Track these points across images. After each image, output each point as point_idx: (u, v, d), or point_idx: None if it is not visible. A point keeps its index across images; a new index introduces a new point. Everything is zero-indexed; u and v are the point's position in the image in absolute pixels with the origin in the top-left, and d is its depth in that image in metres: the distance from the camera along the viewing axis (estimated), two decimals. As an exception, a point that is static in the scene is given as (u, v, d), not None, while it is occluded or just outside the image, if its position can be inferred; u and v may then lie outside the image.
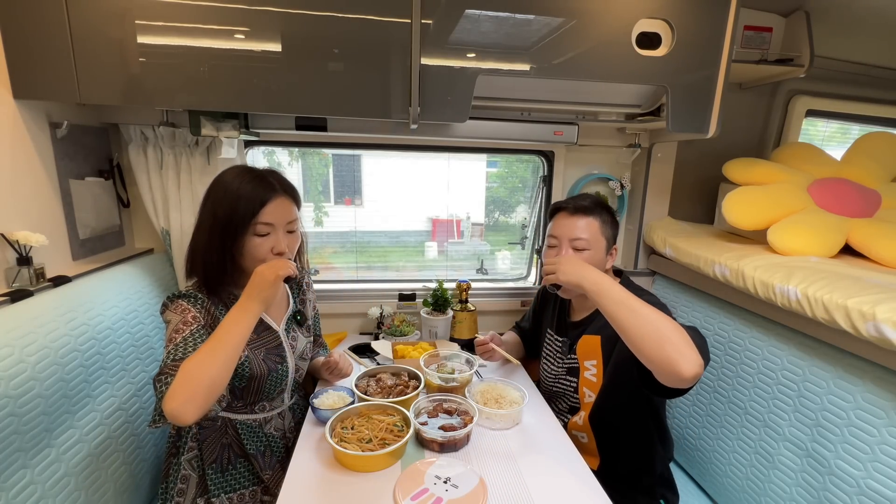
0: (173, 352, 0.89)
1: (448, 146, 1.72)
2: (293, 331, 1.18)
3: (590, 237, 1.19)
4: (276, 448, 1.13)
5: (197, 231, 1.02)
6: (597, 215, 1.21)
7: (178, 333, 0.92)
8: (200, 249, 1.01)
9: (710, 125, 1.31)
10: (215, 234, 0.98)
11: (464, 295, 1.67)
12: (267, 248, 1.01)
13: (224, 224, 0.98)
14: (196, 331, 0.94)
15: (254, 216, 0.98)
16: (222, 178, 1.02)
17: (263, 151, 1.82)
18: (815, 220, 1.36)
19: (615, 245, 1.25)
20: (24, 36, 1.03)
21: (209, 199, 1.01)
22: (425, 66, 1.18)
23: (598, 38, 1.21)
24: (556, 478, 0.96)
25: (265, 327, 1.11)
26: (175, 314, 0.96)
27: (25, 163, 1.08)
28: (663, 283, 1.70)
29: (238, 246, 1.00)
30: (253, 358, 1.05)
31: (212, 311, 1.00)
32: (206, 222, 1.00)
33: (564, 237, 1.21)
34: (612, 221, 1.24)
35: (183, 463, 1.06)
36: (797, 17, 1.55)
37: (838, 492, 0.96)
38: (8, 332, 0.84)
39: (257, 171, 1.03)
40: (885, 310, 0.88)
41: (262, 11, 1.10)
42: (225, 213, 0.97)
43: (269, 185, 1.00)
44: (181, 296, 0.99)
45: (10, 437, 0.80)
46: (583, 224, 1.19)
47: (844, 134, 2.05)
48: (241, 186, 0.98)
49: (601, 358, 1.19)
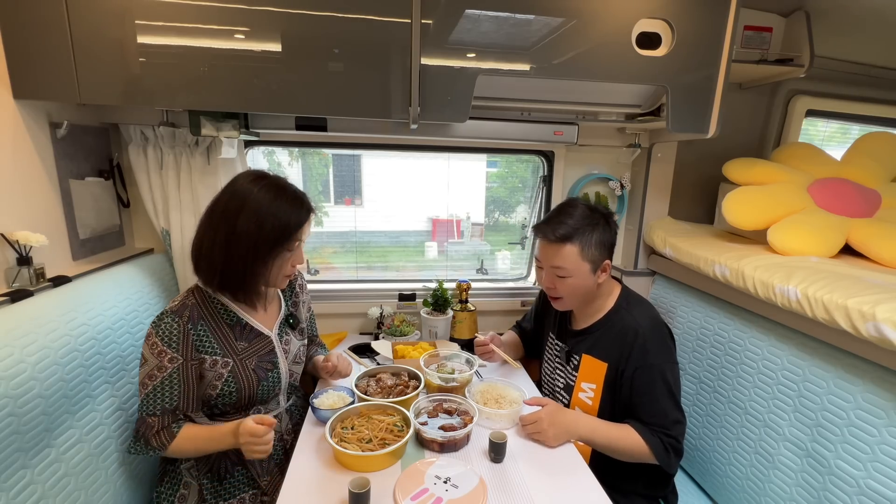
0: (145, 403, 0.98)
1: (448, 146, 1.72)
2: (286, 334, 1.18)
3: (569, 266, 1.15)
4: (274, 452, 1.11)
5: (229, 244, 0.99)
6: (576, 241, 1.15)
7: (150, 380, 0.98)
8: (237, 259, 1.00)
9: (710, 125, 1.31)
10: (257, 247, 1.00)
11: (464, 295, 1.67)
12: (291, 261, 1.07)
13: (269, 240, 1.00)
14: (168, 377, 0.98)
15: (294, 234, 1.04)
16: (252, 192, 1.00)
17: (263, 151, 1.82)
18: (816, 220, 1.35)
19: (607, 260, 1.19)
20: (24, 36, 1.03)
21: (243, 213, 0.98)
22: (425, 66, 1.18)
23: (598, 38, 1.21)
24: (556, 478, 0.96)
25: (256, 334, 1.10)
26: (152, 355, 0.98)
27: (25, 163, 1.08)
28: (663, 283, 1.70)
29: (271, 258, 1.03)
30: (240, 371, 1.05)
31: (189, 334, 1.00)
32: (245, 235, 0.99)
33: (546, 263, 1.20)
34: (597, 241, 1.16)
35: (183, 471, 1.06)
36: (797, 17, 1.55)
37: (838, 492, 0.96)
38: (8, 332, 0.84)
39: (290, 189, 1.05)
40: (885, 310, 0.88)
41: (262, 11, 1.10)
42: (271, 229, 1.00)
43: (306, 207, 1.06)
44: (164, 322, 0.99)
45: (10, 437, 0.80)
46: (562, 253, 1.15)
47: (844, 134, 2.05)
48: (283, 206, 1.01)
49: (602, 385, 1.18)
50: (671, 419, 1.10)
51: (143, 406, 0.98)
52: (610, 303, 1.23)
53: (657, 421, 1.10)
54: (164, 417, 0.99)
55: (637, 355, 1.12)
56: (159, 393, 0.98)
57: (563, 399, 1.27)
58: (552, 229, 1.16)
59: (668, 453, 1.08)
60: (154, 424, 0.98)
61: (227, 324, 1.07)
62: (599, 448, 1.12)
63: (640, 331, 1.13)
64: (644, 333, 1.13)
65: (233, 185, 1.04)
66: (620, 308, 1.21)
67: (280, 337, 1.15)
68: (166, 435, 0.99)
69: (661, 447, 1.08)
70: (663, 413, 1.10)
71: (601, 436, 1.11)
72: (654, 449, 1.08)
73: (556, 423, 1.09)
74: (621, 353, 1.14)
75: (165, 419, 0.99)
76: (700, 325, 1.44)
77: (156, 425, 0.98)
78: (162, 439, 0.98)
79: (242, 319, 1.09)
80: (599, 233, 1.17)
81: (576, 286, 1.18)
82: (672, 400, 1.11)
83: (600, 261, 1.18)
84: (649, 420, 1.10)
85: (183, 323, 1.00)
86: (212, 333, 1.04)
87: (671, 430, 1.09)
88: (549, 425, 1.08)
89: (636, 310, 1.19)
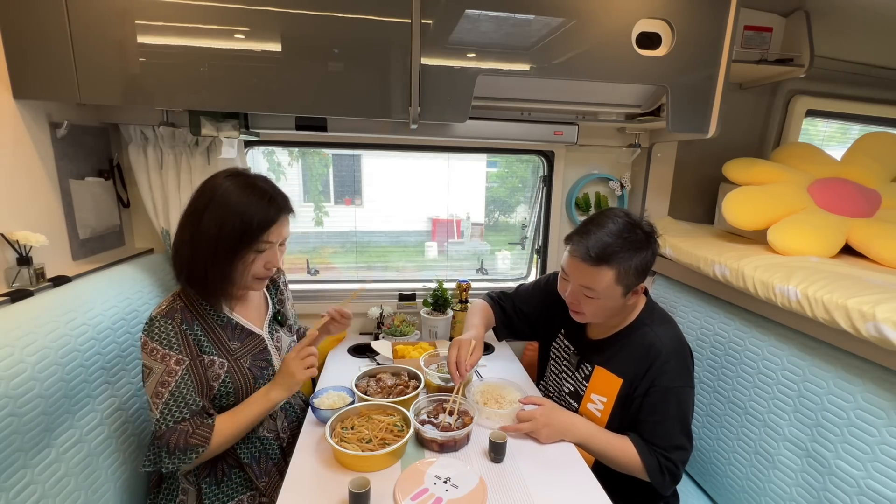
0: (167, 413, 0.93)
1: (448, 146, 1.72)
2: (276, 331, 1.18)
3: (601, 289, 1.03)
4: (271, 452, 1.11)
5: (194, 243, 0.96)
6: (615, 264, 1.00)
7: (164, 387, 0.93)
8: (199, 260, 0.96)
9: (710, 125, 1.31)
10: (216, 248, 0.95)
11: (464, 295, 1.67)
12: (262, 263, 1.00)
13: (230, 240, 0.95)
14: (181, 379, 0.94)
15: (260, 236, 0.97)
16: (220, 188, 0.96)
17: (263, 151, 1.82)
18: (816, 220, 1.35)
19: (642, 283, 1.08)
20: (24, 36, 1.03)
21: (207, 210, 0.95)
22: (425, 66, 1.18)
23: (598, 38, 1.21)
24: (555, 478, 0.96)
25: (248, 333, 1.09)
26: (155, 361, 0.94)
27: (25, 163, 1.08)
28: (663, 283, 1.70)
29: (235, 260, 0.97)
30: (236, 370, 1.04)
31: (186, 334, 0.98)
32: (206, 235, 0.94)
33: (575, 281, 1.07)
34: (637, 265, 1.02)
35: (180, 477, 1.05)
36: (797, 17, 1.55)
37: (838, 492, 0.96)
38: (8, 332, 0.84)
39: (260, 186, 0.99)
40: (885, 310, 0.88)
41: (262, 11, 1.10)
42: (232, 229, 0.94)
43: (275, 205, 0.98)
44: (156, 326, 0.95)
45: (10, 437, 0.80)
46: (596, 275, 1.02)
47: (844, 134, 2.05)
48: (249, 205, 0.95)
49: (614, 400, 1.13)
50: (674, 444, 1.06)
51: (166, 416, 0.92)
52: (633, 316, 1.15)
53: (659, 442, 1.06)
54: (195, 420, 0.95)
55: (655, 375, 1.06)
56: (179, 397, 0.94)
57: (571, 405, 1.23)
58: (589, 247, 1.01)
59: (663, 475, 1.05)
60: (187, 429, 0.93)
61: (219, 324, 1.05)
62: (593, 454, 1.11)
63: (662, 351, 1.07)
64: (666, 354, 1.07)
65: (206, 181, 1.00)
66: (643, 323, 1.13)
67: (271, 335, 1.15)
68: (205, 429, 0.94)
69: (657, 467, 1.05)
70: (667, 436, 1.06)
71: (597, 443, 1.09)
72: (649, 467, 1.05)
73: (550, 423, 1.07)
74: (638, 370, 1.09)
75: (196, 420, 0.95)
76: (700, 325, 1.44)
77: (189, 428, 0.93)
78: (202, 435, 0.93)
79: (233, 320, 1.07)
80: (641, 256, 1.03)
81: (603, 307, 1.08)
82: (680, 425, 1.07)
83: (635, 285, 1.06)
84: (651, 439, 1.07)
85: (177, 324, 0.96)
86: (205, 335, 1.01)
87: (671, 454, 1.06)
88: (544, 425, 1.06)
89: (660, 328, 1.12)
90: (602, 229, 1.03)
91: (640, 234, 1.04)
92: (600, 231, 1.03)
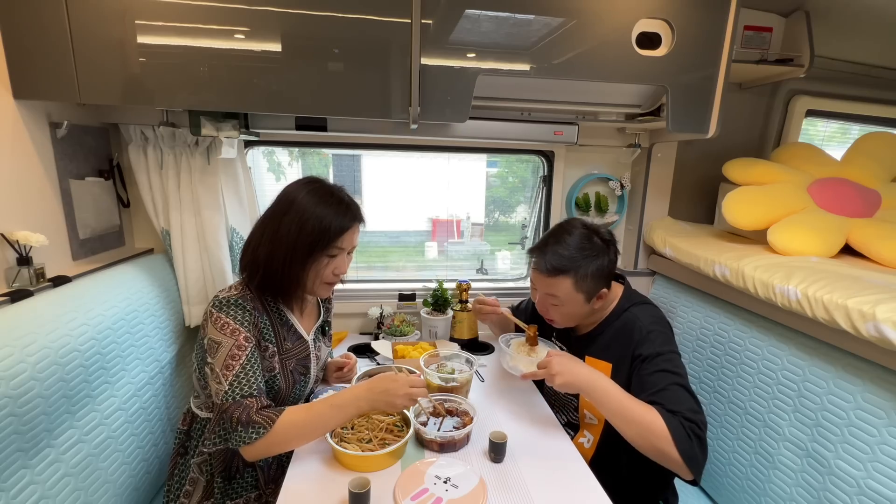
0: (236, 385, 0.92)
1: (448, 146, 1.71)
2: (318, 340, 1.19)
3: (562, 296, 1.13)
4: (283, 457, 1.11)
5: (273, 244, 1.00)
6: (570, 274, 1.10)
7: (234, 360, 0.94)
8: (276, 261, 1.00)
9: (710, 125, 1.31)
10: (293, 249, 1.00)
11: (464, 295, 1.67)
12: (331, 268, 1.05)
13: (307, 242, 1.00)
14: (251, 355, 0.96)
15: (335, 241, 1.02)
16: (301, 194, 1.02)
17: (263, 151, 1.82)
18: (816, 220, 1.36)
19: (604, 289, 1.15)
20: (24, 36, 1.03)
21: (287, 214, 1.00)
22: (425, 66, 1.18)
23: (598, 38, 1.21)
24: (556, 478, 0.96)
25: (298, 337, 1.11)
26: (224, 335, 0.96)
27: (25, 163, 1.08)
28: (663, 283, 1.70)
29: (309, 262, 1.02)
30: (281, 371, 1.05)
31: (256, 321, 1.01)
32: (286, 237, 0.99)
33: (540, 290, 1.18)
34: (594, 272, 1.11)
35: (192, 466, 1.06)
36: (797, 17, 1.55)
37: (838, 492, 0.96)
38: (8, 332, 0.84)
39: (337, 194, 1.05)
40: (885, 310, 0.88)
41: (262, 11, 1.10)
42: (310, 232, 0.99)
43: (350, 213, 1.04)
44: (230, 304, 0.98)
45: (10, 437, 0.80)
46: (554, 284, 1.12)
47: (844, 134, 2.05)
48: (327, 210, 1.01)
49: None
50: (688, 406, 0.99)
51: (235, 389, 0.92)
52: (612, 307, 1.21)
53: (673, 408, 0.99)
54: (262, 398, 0.95)
55: (639, 347, 1.09)
56: (249, 371, 0.94)
57: (571, 402, 1.26)
58: (545, 260, 1.11)
59: (691, 439, 0.94)
60: (253, 405, 0.92)
61: (279, 321, 1.08)
62: (609, 416, 1.02)
63: (643, 326, 1.12)
64: (647, 327, 1.11)
65: (286, 188, 1.06)
66: (623, 309, 1.20)
67: (314, 343, 1.16)
68: (272, 411, 0.92)
69: (682, 431, 0.94)
70: (677, 400, 1.00)
71: (615, 401, 1.00)
72: (674, 431, 0.93)
73: (563, 370, 1.03)
74: (624, 350, 1.12)
75: (263, 399, 0.95)
76: (700, 325, 1.44)
77: (255, 405, 0.92)
78: (267, 415, 0.91)
79: (290, 321, 1.10)
80: (597, 264, 1.11)
81: (570, 313, 1.17)
82: (684, 389, 1.03)
83: (596, 291, 1.14)
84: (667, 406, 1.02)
85: (249, 308, 1.00)
86: (271, 326, 1.04)
87: (691, 416, 0.97)
88: (557, 373, 1.03)
89: (638, 309, 1.18)
90: (558, 244, 1.13)
91: (597, 241, 1.14)
92: (556, 244, 1.13)
